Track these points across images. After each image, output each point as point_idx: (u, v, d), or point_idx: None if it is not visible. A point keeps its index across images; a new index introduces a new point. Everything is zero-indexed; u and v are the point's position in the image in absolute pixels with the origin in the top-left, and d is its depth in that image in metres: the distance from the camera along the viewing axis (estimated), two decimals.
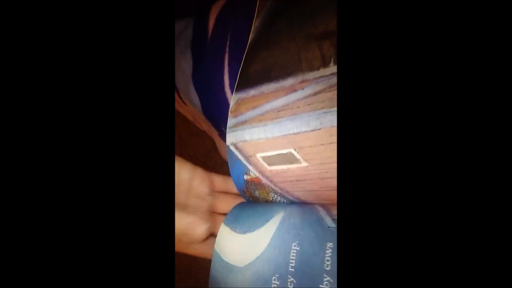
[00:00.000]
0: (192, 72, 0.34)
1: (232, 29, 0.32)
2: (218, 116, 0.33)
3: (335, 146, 0.18)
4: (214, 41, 0.33)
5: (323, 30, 0.22)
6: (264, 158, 0.22)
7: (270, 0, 0.28)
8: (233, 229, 0.21)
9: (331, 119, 0.19)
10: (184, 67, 0.36)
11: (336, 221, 0.18)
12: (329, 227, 0.17)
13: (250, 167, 0.22)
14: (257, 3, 0.29)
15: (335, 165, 0.19)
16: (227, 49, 0.31)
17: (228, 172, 0.25)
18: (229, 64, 0.30)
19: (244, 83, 0.25)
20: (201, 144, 0.60)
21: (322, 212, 0.19)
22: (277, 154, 0.21)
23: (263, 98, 0.23)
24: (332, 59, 0.20)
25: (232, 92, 0.30)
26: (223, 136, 0.28)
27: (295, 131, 0.20)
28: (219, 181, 0.28)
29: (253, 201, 0.23)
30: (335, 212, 0.19)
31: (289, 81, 0.22)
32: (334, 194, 0.19)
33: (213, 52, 0.32)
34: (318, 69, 0.20)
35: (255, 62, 0.25)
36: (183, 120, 0.41)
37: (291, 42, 0.24)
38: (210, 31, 0.33)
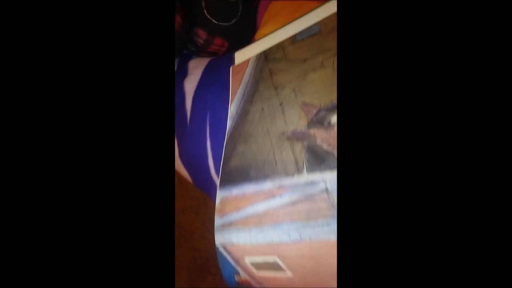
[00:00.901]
0: (178, 151, 0.35)
1: (210, 110, 0.32)
2: (208, 192, 0.34)
3: (316, 260, 0.19)
4: (194, 123, 0.33)
5: (293, 130, 0.22)
6: (252, 263, 0.22)
7: (242, 84, 0.28)
8: None
9: (309, 233, 0.19)
10: None
11: None
12: None
13: (239, 269, 0.23)
14: (230, 86, 0.29)
15: (319, 278, 0.19)
16: (207, 133, 0.32)
17: None
18: (211, 148, 0.31)
19: (226, 179, 0.25)
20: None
21: None
22: (263, 262, 0.21)
23: (245, 200, 0.23)
24: (305, 166, 0.21)
25: (217, 175, 0.31)
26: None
27: (277, 240, 0.21)
28: None
29: None
30: None
31: (267, 185, 0.22)
32: None
33: (195, 134, 0.33)
34: (292, 175, 0.21)
35: (234, 156, 0.26)
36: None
37: (266, 138, 0.24)
38: (189, 114, 0.34)
